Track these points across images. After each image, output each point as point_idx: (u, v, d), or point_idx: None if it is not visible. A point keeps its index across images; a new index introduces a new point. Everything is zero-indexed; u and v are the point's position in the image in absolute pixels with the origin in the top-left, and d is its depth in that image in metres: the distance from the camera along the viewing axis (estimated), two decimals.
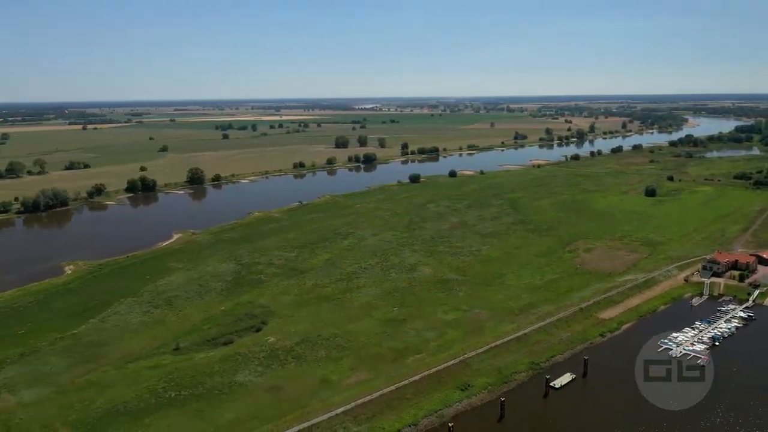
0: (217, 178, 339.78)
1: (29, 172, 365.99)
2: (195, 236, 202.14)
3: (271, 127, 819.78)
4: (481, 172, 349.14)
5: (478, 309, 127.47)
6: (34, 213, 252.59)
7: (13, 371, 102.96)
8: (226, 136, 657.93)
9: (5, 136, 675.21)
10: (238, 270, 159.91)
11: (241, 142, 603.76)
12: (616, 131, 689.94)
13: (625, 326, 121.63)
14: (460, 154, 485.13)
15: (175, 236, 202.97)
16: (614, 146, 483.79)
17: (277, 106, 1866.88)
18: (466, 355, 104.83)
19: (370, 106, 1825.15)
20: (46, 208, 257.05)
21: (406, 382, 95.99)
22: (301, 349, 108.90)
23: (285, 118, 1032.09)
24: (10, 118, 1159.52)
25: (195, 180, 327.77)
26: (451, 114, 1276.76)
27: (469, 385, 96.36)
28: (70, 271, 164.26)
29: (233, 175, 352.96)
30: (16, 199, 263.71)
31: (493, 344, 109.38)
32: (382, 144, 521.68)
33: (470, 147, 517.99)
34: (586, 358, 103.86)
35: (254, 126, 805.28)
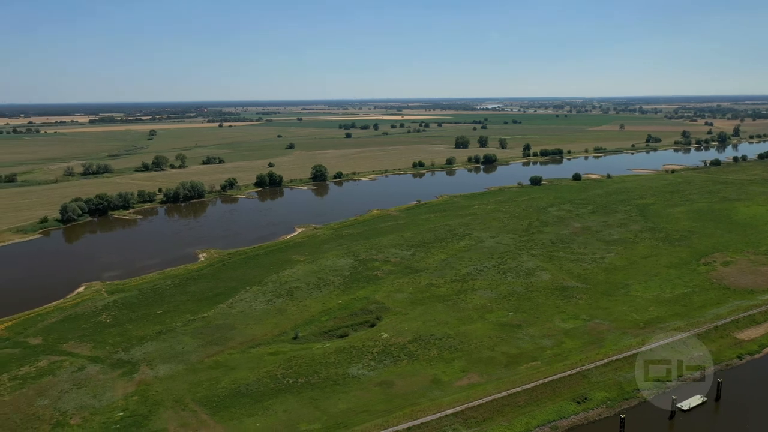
0: (338, 176, 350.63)
1: (171, 166, 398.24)
2: (316, 231, 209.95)
3: (393, 126, 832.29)
4: (608, 176, 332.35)
5: (599, 319, 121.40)
6: (174, 203, 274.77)
7: (152, 347, 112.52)
8: (348, 135, 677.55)
9: (153, 132, 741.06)
10: (355, 265, 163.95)
11: (362, 140, 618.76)
12: (765, 135, 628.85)
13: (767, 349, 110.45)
14: (586, 157, 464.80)
15: (298, 230, 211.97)
16: (762, 151, 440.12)
17: (399, 106, 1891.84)
18: (584, 367, 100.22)
19: (492, 106, 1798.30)
20: (185, 199, 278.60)
21: (518, 389, 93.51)
22: (413, 347, 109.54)
23: (406, 118, 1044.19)
24: (157, 116, 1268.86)
25: (318, 177, 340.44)
26: (577, 115, 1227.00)
27: (585, 398, 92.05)
28: (203, 259, 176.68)
29: (354, 173, 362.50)
30: (160, 190, 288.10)
31: (614, 357, 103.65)
32: (503, 145, 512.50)
33: (597, 149, 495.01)
34: (720, 380, 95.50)
35: (376, 125, 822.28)
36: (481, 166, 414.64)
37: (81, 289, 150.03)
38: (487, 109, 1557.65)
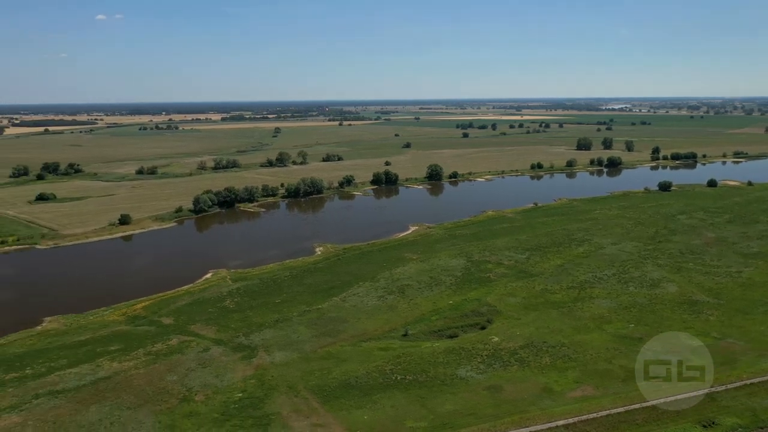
0: (454, 175, 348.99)
1: (293, 162, 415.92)
2: (429, 230, 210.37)
3: (511, 126, 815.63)
4: (749, 183, 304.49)
5: (732, 338, 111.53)
6: (294, 198, 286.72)
7: (270, 334, 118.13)
8: (465, 135, 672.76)
9: (278, 130, 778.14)
10: (467, 266, 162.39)
11: (479, 140, 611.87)
12: None
13: None
14: (724, 162, 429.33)
15: (412, 228, 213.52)
16: None
17: (518, 105, 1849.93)
18: (712, 389, 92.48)
19: (619, 106, 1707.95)
20: (305, 195, 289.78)
21: (637, 405, 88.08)
22: (524, 353, 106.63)
23: (525, 118, 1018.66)
24: (282, 115, 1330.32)
25: (433, 176, 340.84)
26: (715, 116, 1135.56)
27: (713, 423, 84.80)
28: (320, 252, 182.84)
29: (470, 173, 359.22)
30: (282, 185, 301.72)
31: (748, 381, 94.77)
32: (629, 147, 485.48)
33: (736, 154, 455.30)
34: None
35: (494, 125, 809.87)
36: (604, 169, 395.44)
37: (209, 275, 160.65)
38: (613, 110, 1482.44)
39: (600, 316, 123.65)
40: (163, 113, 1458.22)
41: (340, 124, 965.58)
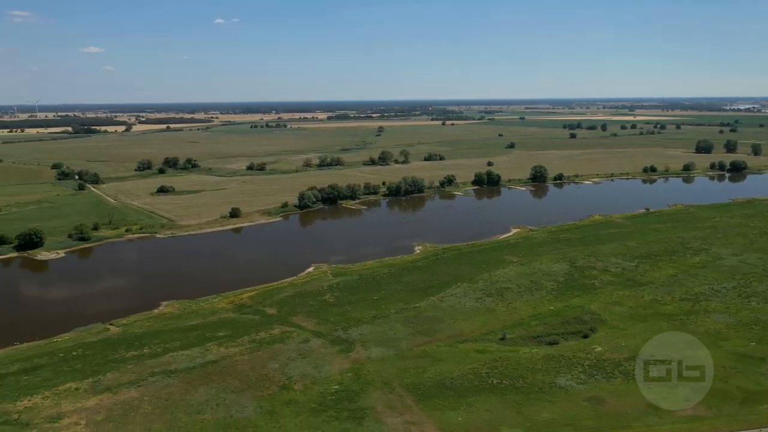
0: (559, 177, 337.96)
1: (395, 161, 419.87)
2: (531, 233, 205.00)
3: (623, 127, 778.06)
4: None
5: None
6: (395, 197, 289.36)
7: (367, 330, 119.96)
8: (573, 136, 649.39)
9: (381, 129, 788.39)
10: (570, 272, 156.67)
11: (588, 141, 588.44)
12: None
13: None
14: None
15: (513, 230, 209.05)
16: None
17: (631, 105, 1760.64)
18: None
19: (746, 106, 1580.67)
20: (406, 194, 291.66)
21: (755, 431, 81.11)
22: (630, 366, 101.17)
23: (639, 119, 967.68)
24: (386, 114, 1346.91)
25: (537, 177, 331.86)
26: None
27: None
28: (419, 251, 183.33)
29: (576, 176, 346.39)
30: (383, 183, 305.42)
31: None
32: (756, 151, 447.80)
33: None
34: None
35: (604, 126, 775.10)
36: (726, 174, 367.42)
37: (311, 269, 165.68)
38: (739, 110, 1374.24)
39: (716, 332, 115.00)
40: (273, 112, 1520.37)
41: (443, 124, 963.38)
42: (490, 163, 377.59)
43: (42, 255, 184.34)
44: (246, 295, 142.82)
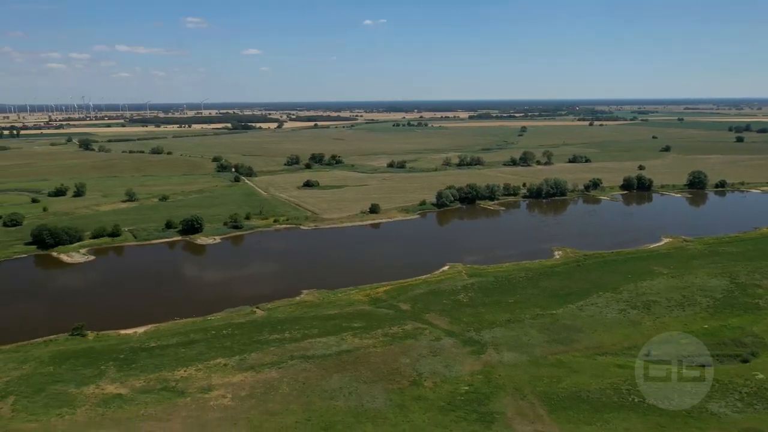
0: (721, 184, 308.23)
1: (537, 162, 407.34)
2: (685, 243, 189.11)
3: None
4: None
5: None
6: (536, 199, 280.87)
7: (500, 333, 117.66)
8: (740, 139, 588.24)
9: (524, 129, 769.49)
10: (730, 289, 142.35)
11: (758, 146, 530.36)
12: None
13: None
14: None
15: (664, 240, 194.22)
16: None
17: None
18: None
19: None
20: (547, 196, 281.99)
21: None
22: None
23: None
24: (529, 114, 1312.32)
25: (695, 183, 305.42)
26: None
27: None
28: (558, 256, 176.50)
29: (742, 183, 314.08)
30: (524, 184, 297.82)
31: None
32: None
33: None
34: None
35: None
36: None
37: (445, 267, 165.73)
38: None
39: None
40: (415, 111, 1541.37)
41: (591, 124, 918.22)
42: (641, 167, 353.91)
43: (201, 240, 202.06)
44: (381, 289, 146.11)
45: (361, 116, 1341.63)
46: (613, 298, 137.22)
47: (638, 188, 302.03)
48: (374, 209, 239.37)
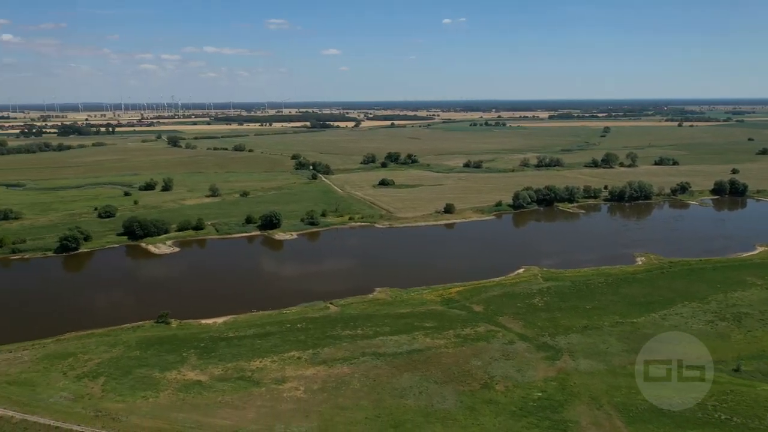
0: None
1: (621, 164, 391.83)
2: None
3: None
4: None
5: None
6: (618, 202, 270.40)
7: (576, 339, 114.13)
8: None
9: (607, 129, 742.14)
10: None
11: None
12: None
13: None
14: None
15: (759, 249, 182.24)
16: None
17: None
18: None
19: None
20: (630, 199, 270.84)
21: None
22: None
23: None
24: (613, 114, 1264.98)
25: None
26: None
27: None
28: (640, 262, 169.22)
29: None
30: (605, 187, 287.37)
31: None
32: None
33: None
34: None
35: None
36: None
37: (520, 270, 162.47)
38: None
39: None
40: (493, 110, 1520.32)
41: (680, 125, 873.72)
42: (734, 171, 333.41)
43: (279, 235, 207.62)
44: (454, 289, 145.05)
45: (438, 115, 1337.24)
46: (699, 309, 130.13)
47: (731, 193, 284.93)
48: (449, 209, 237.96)
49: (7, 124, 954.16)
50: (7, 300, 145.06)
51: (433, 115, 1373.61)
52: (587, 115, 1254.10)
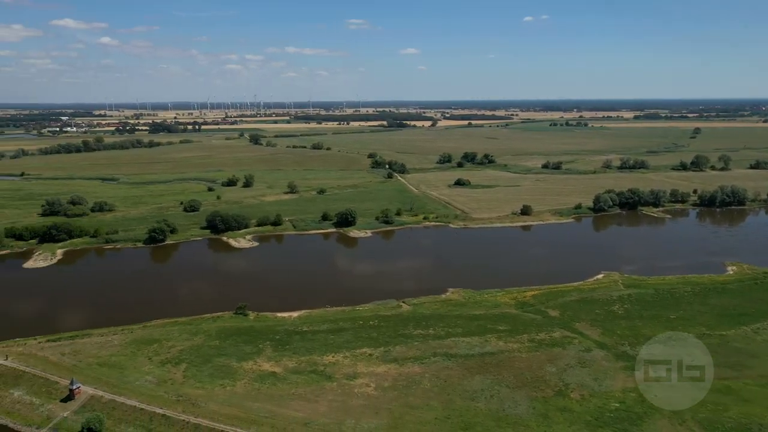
0: None
1: (712, 167, 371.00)
2: None
3: None
4: None
5: None
6: (708, 207, 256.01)
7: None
8: None
9: (697, 130, 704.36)
10: None
11: None
12: None
13: None
14: None
15: None
16: None
17: None
18: None
19: None
20: (721, 205, 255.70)
21: None
22: None
23: None
24: (705, 114, 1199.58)
25: None
26: None
27: None
28: (731, 272, 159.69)
29: None
30: (694, 191, 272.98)
31: None
32: None
33: None
34: None
35: None
36: None
37: (600, 276, 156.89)
38: None
39: None
40: (575, 110, 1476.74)
41: None
42: None
43: (353, 233, 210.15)
44: (529, 293, 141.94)
45: (517, 115, 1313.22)
46: None
47: None
48: (526, 211, 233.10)
49: (104, 122, 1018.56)
50: (100, 287, 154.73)
51: (512, 114, 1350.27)
52: (676, 115, 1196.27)
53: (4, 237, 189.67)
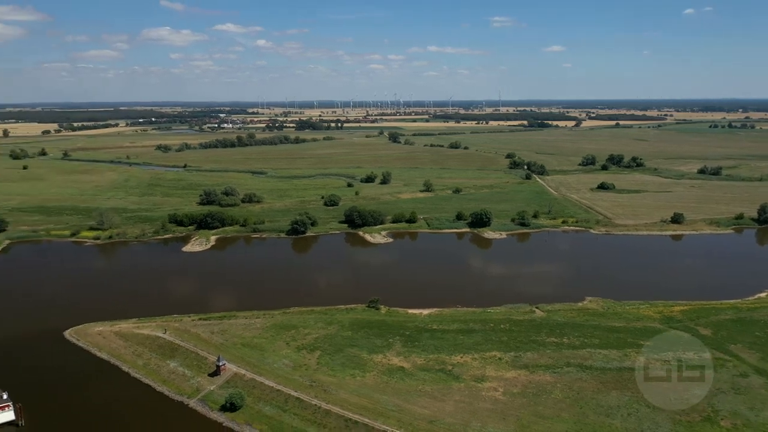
0: None
1: None
2: None
3: None
4: None
5: None
6: None
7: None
8: None
9: None
10: None
11: None
12: None
13: None
14: None
15: None
16: None
17: None
18: None
19: None
20: None
21: None
22: None
23: None
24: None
25: None
26: None
27: None
28: None
29: None
30: None
31: None
32: None
33: None
34: None
35: None
36: None
37: (763, 294, 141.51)
38: None
39: None
40: (740, 110, 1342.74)
41: None
42: None
43: (487, 234, 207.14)
44: (677, 308, 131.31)
45: (671, 116, 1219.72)
46: None
47: None
48: (677, 219, 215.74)
49: (256, 119, 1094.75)
50: (245, 272, 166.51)
51: (665, 114, 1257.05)
52: None
53: (168, 222, 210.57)
